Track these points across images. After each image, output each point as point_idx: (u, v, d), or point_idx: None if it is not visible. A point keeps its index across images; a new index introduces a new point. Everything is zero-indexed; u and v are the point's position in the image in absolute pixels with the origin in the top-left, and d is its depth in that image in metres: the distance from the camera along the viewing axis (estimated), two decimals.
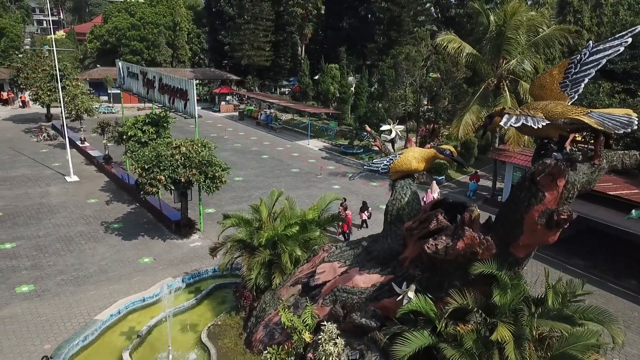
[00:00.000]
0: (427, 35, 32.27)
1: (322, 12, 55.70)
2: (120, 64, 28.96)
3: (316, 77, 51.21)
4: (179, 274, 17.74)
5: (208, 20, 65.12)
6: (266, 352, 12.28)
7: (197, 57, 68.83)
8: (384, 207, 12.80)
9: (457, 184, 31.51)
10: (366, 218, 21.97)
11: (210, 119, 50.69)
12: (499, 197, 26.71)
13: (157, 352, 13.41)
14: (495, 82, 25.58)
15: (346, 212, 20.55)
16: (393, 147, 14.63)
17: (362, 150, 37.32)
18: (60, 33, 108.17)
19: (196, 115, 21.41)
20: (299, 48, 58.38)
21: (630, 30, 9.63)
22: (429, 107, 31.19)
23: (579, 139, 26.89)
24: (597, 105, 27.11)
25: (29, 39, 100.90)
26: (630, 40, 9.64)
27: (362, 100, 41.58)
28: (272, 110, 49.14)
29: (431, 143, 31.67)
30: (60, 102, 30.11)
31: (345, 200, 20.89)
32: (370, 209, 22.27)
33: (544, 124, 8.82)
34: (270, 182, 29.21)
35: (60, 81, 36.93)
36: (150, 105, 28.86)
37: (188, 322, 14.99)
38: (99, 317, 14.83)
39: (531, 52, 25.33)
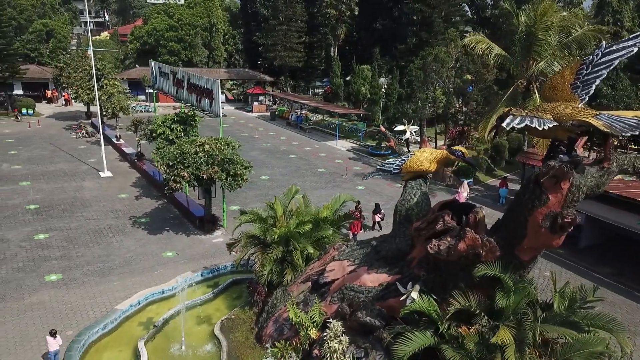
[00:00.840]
0: (456, 36, 31.85)
1: (356, 13, 55.66)
2: (152, 64, 29.88)
3: (348, 78, 51.28)
4: (199, 269, 18.18)
5: (243, 22, 66.17)
6: (271, 347, 12.55)
7: (232, 58, 70.00)
8: None
9: (486, 188, 30.97)
10: (379, 220, 21.83)
11: (243, 119, 51.52)
12: None
13: (171, 343, 13.85)
14: (524, 83, 25.05)
15: (357, 214, 20.40)
16: (408, 148, 14.61)
17: (389, 151, 37.12)
18: (105, 34, 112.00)
19: (220, 114, 21.86)
20: (332, 49, 58.55)
21: None
22: (458, 109, 30.77)
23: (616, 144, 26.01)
24: (632, 108, 26.16)
25: (75, 40, 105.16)
26: None
27: (392, 101, 41.40)
28: (303, 111, 49.50)
29: (460, 145, 31.28)
30: (96, 100, 31.24)
31: (359, 203, 20.70)
32: (383, 211, 22.11)
33: (550, 125, 8.67)
34: (295, 182, 29.42)
35: (99, 80, 38.47)
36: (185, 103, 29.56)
37: (203, 315, 15.38)
38: (119, 307, 15.42)
39: (563, 53, 24.66)
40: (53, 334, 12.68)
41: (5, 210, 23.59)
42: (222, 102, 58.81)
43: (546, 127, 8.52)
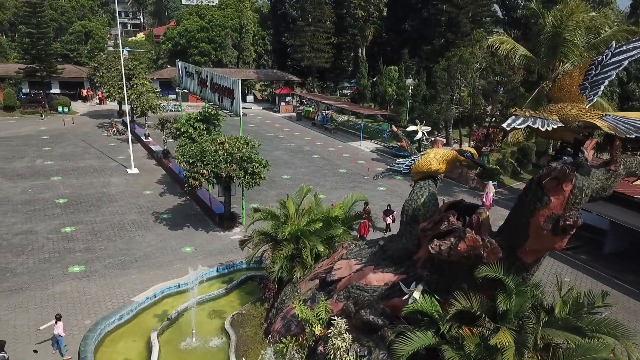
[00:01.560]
0: (482, 37, 31.43)
1: (385, 14, 55.51)
2: (179, 64, 30.58)
3: (374, 79, 51.21)
4: (216, 264, 18.53)
5: (273, 23, 66.85)
6: (276, 342, 12.75)
7: (262, 59, 70.78)
8: None
9: (510, 191, 30.41)
10: (390, 222, 21.63)
11: (269, 119, 52.06)
12: None
13: (183, 335, 14.19)
14: (550, 85, 24.43)
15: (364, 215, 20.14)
16: (419, 148, 14.56)
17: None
18: (140, 35, 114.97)
19: (241, 114, 22.19)
20: (360, 50, 58.54)
21: None
22: (483, 110, 30.33)
23: None
24: None
25: (112, 41, 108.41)
26: None
27: (418, 102, 41.14)
28: (328, 112, 49.67)
29: (484, 148, 30.85)
30: (124, 99, 32.18)
31: (367, 204, 20.41)
32: (395, 212, 21.92)
33: (555, 126, 8.54)
34: (317, 182, 29.66)
35: (130, 80, 39.64)
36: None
37: (216, 309, 15.69)
38: (136, 298, 15.89)
39: (590, 54, 24.00)
40: (58, 318, 13.21)
41: (36, 204, 24.58)
42: (250, 102, 59.74)
43: (550, 128, 8.41)
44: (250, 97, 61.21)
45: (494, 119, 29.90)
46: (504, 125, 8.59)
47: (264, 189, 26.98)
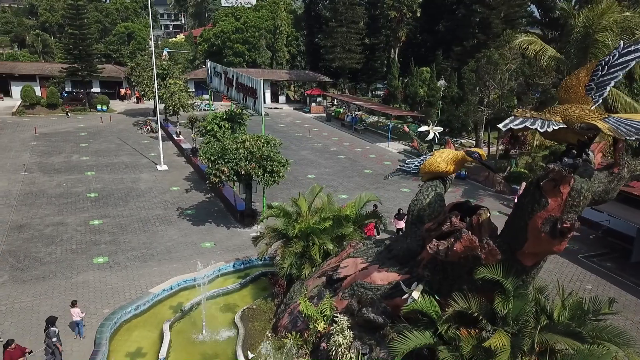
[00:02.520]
0: (511, 38, 30.75)
1: (418, 15, 55.04)
2: (209, 64, 31.31)
3: (406, 80, 50.86)
4: (233, 260, 18.91)
5: (307, 24, 67.31)
6: (283, 338, 12.95)
7: (295, 60, 71.35)
8: None
9: None
10: (402, 227, 21.29)
11: (299, 119, 52.46)
12: None
13: (194, 327, 14.59)
14: None
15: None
16: (431, 149, 14.47)
17: None
18: (180, 36, 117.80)
19: (263, 113, 22.54)
20: (393, 51, 58.24)
21: None
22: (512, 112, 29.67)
23: None
24: None
25: (154, 42, 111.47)
26: None
27: (448, 104, 40.62)
28: (359, 112, 49.64)
29: (513, 151, 30.17)
30: (155, 98, 33.18)
31: (376, 207, 20.13)
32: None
33: (556, 127, 8.40)
34: (340, 181, 29.78)
35: (164, 79, 40.79)
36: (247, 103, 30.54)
37: (229, 303, 16.06)
38: (152, 290, 16.43)
39: None
40: (74, 304, 13.81)
41: (69, 197, 25.66)
42: (282, 103, 60.32)
43: (550, 129, 8.28)
44: (282, 98, 61.86)
45: None
46: (500, 125, 8.52)
47: (287, 188, 27.28)
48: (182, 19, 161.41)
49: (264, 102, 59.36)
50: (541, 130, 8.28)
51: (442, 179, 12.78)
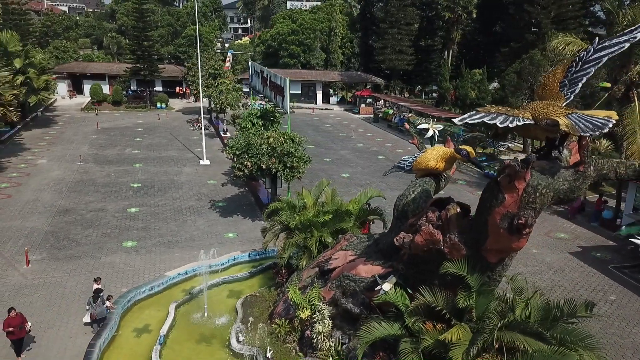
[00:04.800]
0: (553, 38, 29.44)
1: (474, 15, 53.77)
2: (250, 63, 32.45)
3: (456, 82, 49.84)
4: (249, 250, 19.66)
5: (361, 25, 67.52)
6: (275, 324, 13.46)
7: (350, 62, 71.73)
8: None
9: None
10: None
11: (347, 120, 52.80)
12: (618, 220, 23.50)
13: (199, 310, 15.41)
14: (622, 89, 22.49)
15: None
16: (432, 146, 14.44)
17: (484, 157, 35.60)
18: (245, 39, 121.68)
19: (289, 111, 23.17)
20: (447, 52, 57.24)
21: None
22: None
23: None
24: None
25: (220, 44, 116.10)
26: (639, 36, 8.63)
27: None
28: (406, 114, 49.23)
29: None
30: (200, 96, 34.86)
31: (369, 205, 19.93)
32: None
33: (519, 123, 8.33)
34: (373, 181, 29.87)
35: (215, 79, 42.61)
36: (298, 104, 31.13)
37: (236, 290, 16.77)
38: (168, 273, 17.46)
39: None
40: (96, 280, 14.99)
41: (114, 186, 27.59)
42: (333, 104, 60.85)
43: (511, 125, 8.23)
44: (334, 99, 62.42)
45: None
46: (456, 120, 8.59)
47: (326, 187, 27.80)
48: (249, 22, 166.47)
49: (315, 103, 60.50)
50: (501, 126, 8.25)
51: (436, 176, 12.79)
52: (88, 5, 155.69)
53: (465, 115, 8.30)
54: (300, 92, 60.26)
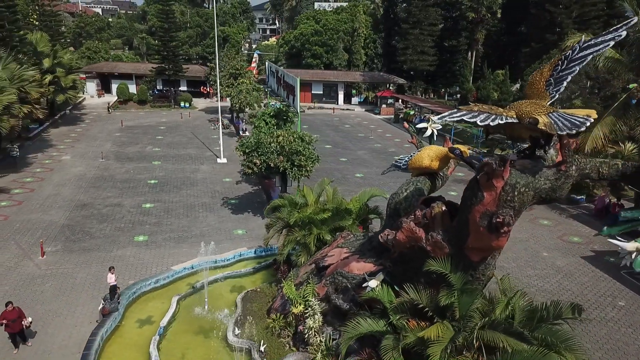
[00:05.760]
0: (570, 38, 28.76)
1: (498, 16, 53.02)
2: (267, 63, 32.83)
3: (478, 83, 49.27)
4: (256, 247, 19.94)
5: (385, 26, 67.35)
6: (268, 318, 13.68)
7: (373, 62, 71.58)
8: None
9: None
10: None
11: (367, 121, 52.73)
12: None
13: (200, 303, 15.75)
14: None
15: None
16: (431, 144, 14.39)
17: None
18: (272, 40, 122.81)
19: (299, 110, 23.37)
20: (470, 53, 56.59)
21: (625, 22, 8.53)
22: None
23: None
24: None
25: (247, 45, 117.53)
26: (624, 33, 8.55)
27: None
28: (428, 115, 48.85)
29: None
30: (218, 96, 35.41)
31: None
32: None
33: (501, 122, 8.37)
34: (387, 181, 29.71)
35: (236, 79, 43.23)
36: (320, 104, 31.33)
37: (239, 285, 17.06)
38: (174, 267, 17.89)
39: None
40: (110, 269, 15.47)
41: (132, 182, 28.33)
42: (354, 105, 60.84)
43: (492, 124, 8.27)
44: (355, 99, 62.38)
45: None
46: (435, 118, 8.65)
47: (332, 185, 27.90)
48: (277, 23, 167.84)
49: (337, 103, 60.63)
50: (481, 124, 8.30)
51: (432, 175, 12.79)
52: (121, 7, 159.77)
53: (446, 113, 8.37)
54: (322, 92, 60.44)
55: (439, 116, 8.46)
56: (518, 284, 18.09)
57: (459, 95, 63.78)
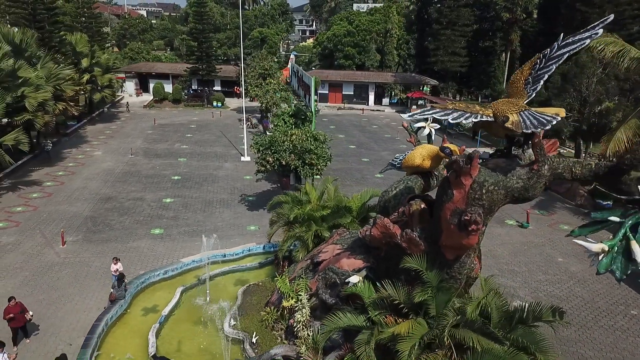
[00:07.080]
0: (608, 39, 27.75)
1: (534, 16, 51.63)
2: (290, 64, 33.17)
3: None
4: (265, 242, 20.31)
5: (418, 27, 66.69)
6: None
7: (406, 63, 70.99)
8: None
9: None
10: None
11: (395, 121, 52.39)
12: None
13: (204, 294, 16.25)
14: None
15: None
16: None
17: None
18: (310, 41, 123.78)
19: (314, 110, 23.63)
20: (504, 54, 55.35)
21: (601, 20, 8.42)
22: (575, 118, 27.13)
23: None
24: None
25: (285, 46, 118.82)
26: (601, 31, 8.45)
27: None
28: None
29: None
30: (242, 96, 36.07)
31: None
32: None
33: (476, 120, 8.44)
34: None
35: (265, 79, 43.95)
36: (350, 105, 31.28)
37: (243, 279, 17.50)
38: (183, 260, 18.49)
39: None
40: (115, 259, 16.15)
41: (156, 178, 29.32)
42: (385, 105, 60.50)
43: (466, 122, 8.37)
44: (386, 100, 62.04)
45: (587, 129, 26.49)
46: (405, 116, 8.75)
47: (350, 184, 28.15)
48: (314, 24, 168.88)
49: (367, 104, 60.52)
50: (452, 122, 8.39)
51: (427, 174, 12.80)
52: (165, 9, 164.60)
53: (418, 111, 8.48)
54: (352, 93, 60.50)
55: (410, 114, 8.57)
56: (526, 288, 17.87)
57: (490, 98, 62.51)
